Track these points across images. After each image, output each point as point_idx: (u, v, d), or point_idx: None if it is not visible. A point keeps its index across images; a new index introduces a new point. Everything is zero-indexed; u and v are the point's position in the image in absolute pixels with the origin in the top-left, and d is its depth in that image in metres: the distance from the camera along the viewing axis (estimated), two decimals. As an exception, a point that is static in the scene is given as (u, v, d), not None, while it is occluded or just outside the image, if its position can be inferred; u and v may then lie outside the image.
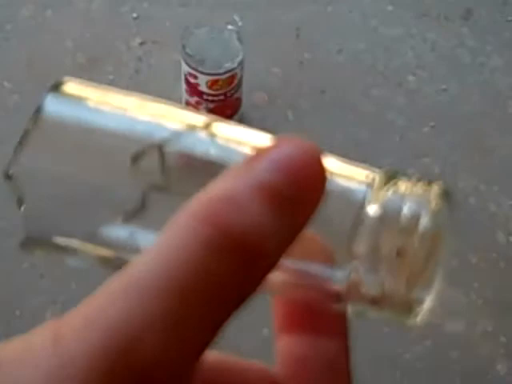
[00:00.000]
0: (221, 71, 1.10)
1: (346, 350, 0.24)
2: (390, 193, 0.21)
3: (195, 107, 1.15)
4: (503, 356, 1.03)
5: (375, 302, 0.21)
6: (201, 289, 0.18)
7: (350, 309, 0.22)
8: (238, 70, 1.12)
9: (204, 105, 1.14)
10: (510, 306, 1.07)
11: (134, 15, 1.30)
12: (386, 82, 1.26)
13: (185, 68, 1.12)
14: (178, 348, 0.18)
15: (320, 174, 0.19)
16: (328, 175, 0.19)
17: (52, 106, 0.23)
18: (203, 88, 1.12)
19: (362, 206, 0.21)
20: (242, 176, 0.19)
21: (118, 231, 0.21)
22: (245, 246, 0.18)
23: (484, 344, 1.04)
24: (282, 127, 1.19)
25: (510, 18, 1.34)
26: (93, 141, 0.22)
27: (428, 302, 0.21)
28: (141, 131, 0.22)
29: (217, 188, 0.19)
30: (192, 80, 1.12)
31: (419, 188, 0.21)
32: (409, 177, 0.22)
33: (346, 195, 0.22)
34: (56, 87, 0.23)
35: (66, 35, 1.27)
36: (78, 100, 0.23)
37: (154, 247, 0.18)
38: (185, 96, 1.16)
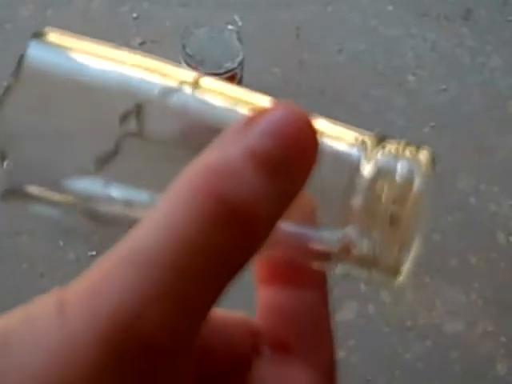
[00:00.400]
0: (221, 71, 1.10)
1: (325, 301, 0.24)
2: (382, 154, 0.22)
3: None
4: (503, 356, 1.03)
5: (365, 263, 0.21)
6: (205, 260, 0.18)
7: (338, 268, 0.22)
8: (237, 70, 1.12)
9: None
10: (510, 306, 1.07)
11: (134, 15, 1.30)
12: (386, 81, 1.26)
13: (185, 68, 1.12)
14: (184, 317, 0.18)
15: (312, 138, 0.20)
16: (319, 138, 0.20)
17: (35, 54, 0.22)
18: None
19: (355, 167, 0.21)
20: (235, 142, 0.19)
21: (92, 179, 0.21)
22: (243, 216, 0.18)
23: (484, 344, 1.04)
24: (282, 127, 1.18)
25: (510, 18, 1.34)
26: (77, 93, 0.21)
27: (409, 264, 0.21)
28: (126, 85, 0.22)
29: (212, 155, 0.19)
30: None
31: (409, 151, 0.22)
32: (398, 140, 0.22)
33: (338, 157, 0.22)
34: (39, 36, 0.22)
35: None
36: (63, 49, 0.22)
37: (157, 216, 0.18)
38: (185, 96, 1.16)
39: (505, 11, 1.35)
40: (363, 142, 0.22)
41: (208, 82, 0.22)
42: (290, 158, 0.19)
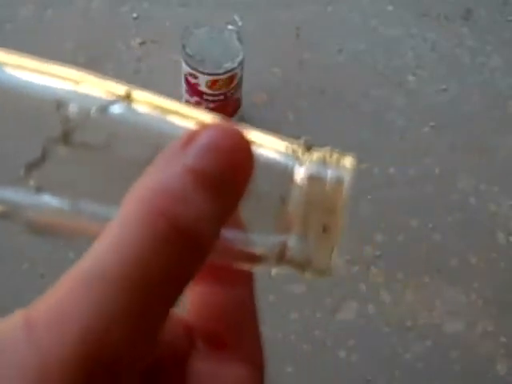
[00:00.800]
0: (221, 71, 1.10)
1: (252, 298, 0.25)
2: (311, 162, 0.23)
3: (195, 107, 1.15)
4: (503, 356, 1.03)
5: (299, 266, 0.23)
6: (156, 277, 0.19)
7: (272, 269, 0.24)
8: (238, 70, 1.12)
9: (204, 105, 1.14)
10: (510, 306, 1.07)
11: (134, 15, 1.30)
12: (386, 81, 1.26)
13: (185, 68, 1.12)
14: (142, 332, 0.19)
15: (247, 151, 0.21)
16: (253, 149, 0.21)
17: None
18: (203, 88, 1.12)
19: (288, 175, 0.22)
20: (175, 161, 0.20)
21: (20, 185, 0.21)
22: (188, 234, 0.19)
23: (484, 344, 1.04)
24: (282, 127, 1.19)
25: (510, 18, 1.34)
26: (6, 102, 0.22)
27: (336, 259, 0.23)
28: (56, 95, 0.22)
29: (156, 175, 0.20)
30: (192, 80, 1.12)
31: (336, 157, 0.23)
32: (324, 148, 0.24)
33: (271, 166, 0.23)
34: None
35: (66, 35, 1.27)
36: None
37: (111, 235, 0.19)
38: (185, 96, 1.16)
39: (505, 11, 1.35)
40: (294, 151, 0.23)
41: (140, 94, 0.23)
42: (228, 172, 0.20)
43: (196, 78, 1.11)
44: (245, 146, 0.21)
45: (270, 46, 1.27)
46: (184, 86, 1.14)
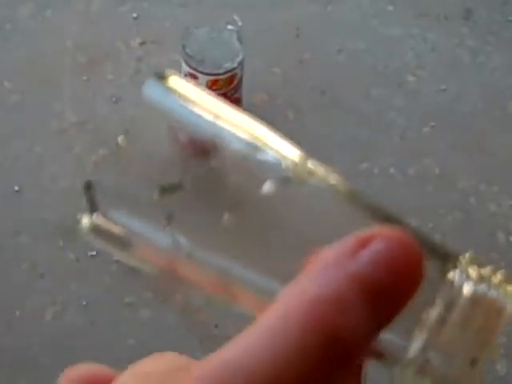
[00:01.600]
0: (221, 71, 1.10)
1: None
2: (476, 279, 0.21)
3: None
4: (503, 356, 1.03)
5: (435, 382, 0.21)
6: None
7: (396, 372, 0.23)
8: (238, 70, 1.12)
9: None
10: (510, 306, 1.07)
11: (134, 15, 1.30)
12: (386, 81, 1.26)
13: (185, 68, 1.12)
14: None
15: (420, 270, 0.20)
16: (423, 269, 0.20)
17: (150, 92, 0.23)
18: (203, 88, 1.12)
19: (452, 288, 0.21)
20: (341, 268, 0.19)
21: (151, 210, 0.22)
22: (343, 350, 0.19)
23: (484, 344, 1.04)
24: (282, 127, 1.18)
25: (510, 18, 1.34)
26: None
27: None
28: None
29: (322, 281, 0.19)
30: (192, 80, 1.12)
31: (499, 280, 0.22)
32: (491, 267, 0.22)
33: (434, 277, 0.21)
34: (160, 77, 0.24)
35: (66, 35, 1.27)
36: (175, 94, 0.24)
37: (269, 331, 0.19)
38: (185, 96, 1.16)
39: (505, 11, 1.35)
40: (459, 261, 0.22)
41: (317, 168, 0.23)
42: (398, 291, 0.19)
43: (196, 78, 1.11)
44: (418, 262, 0.20)
45: (270, 46, 1.27)
46: (184, 86, 1.14)
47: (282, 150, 0.23)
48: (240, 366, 0.19)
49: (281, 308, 0.19)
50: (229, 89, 1.13)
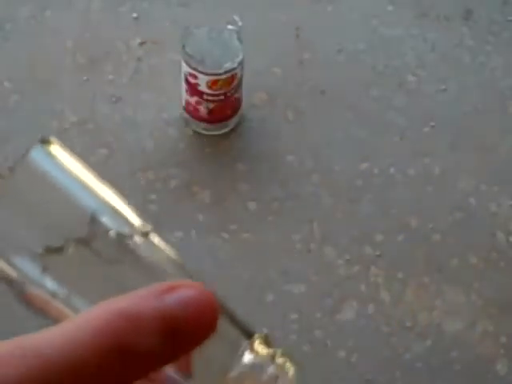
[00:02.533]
0: (221, 71, 1.10)
1: None
2: (262, 354, 0.27)
3: (195, 107, 1.15)
4: (503, 356, 1.03)
5: None
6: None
7: None
8: (238, 70, 1.12)
9: (204, 105, 1.14)
10: (510, 306, 1.07)
11: (134, 15, 1.30)
12: (386, 81, 1.26)
13: (185, 68, 1.12)
14: None
15: (214, 320, 0.24)
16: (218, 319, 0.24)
17: (35, 158, 0.27)
18: (203, 88, 1.12)
19: (239, 354, 0.26)
20: (149, 301, 0.23)
21: (34, 263, 0.25)
22: (130, 359, 0.22)
23: (484, 344, 1.04)
24: (282, 127, 1.19)
25: (509, 18, 1.34)
26: (53, 196, 0.26)
27: None
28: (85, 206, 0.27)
29: (127, 303, 0.23)
30: (192, 80, 1.12)
31: (282, 361, 0.28)
32: (279, 348, 0.28)
33: (227, 338, 0.27)
34: (44, 142, 0.27)
35: (66, 35, 1.27)
36: (57, 163, 0.27)
37: (62, 331, 0.22)
38: (185, 96, 1.16)
39: (505, 11, 1.34)
40: (253, 338, 0.27)
41: (155, 238, 0.27)
42: (193, 330, 0.23)
43: (196, 78, 1.11)
44: (214, 315, 0.24)
45: (269, 46, 1.27)
46: (184, 85, 1.14)
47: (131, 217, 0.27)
48: (32, 347, 0.22)
49: (87, 313, 0.23)
50: (229, 89, 1.13)
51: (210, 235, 1.10)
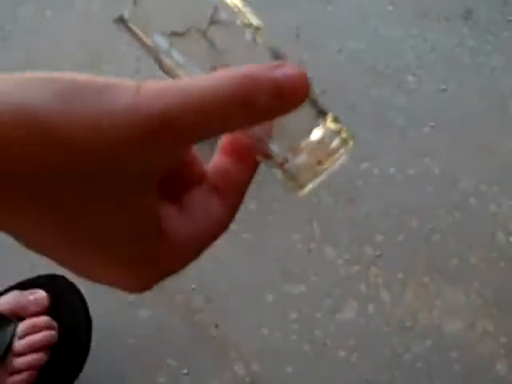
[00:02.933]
0: (221, 71, 1.10)
1: (250, 179, 0.36)
2: (328, 128, 0.35)
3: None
4: (503, 356, 1.03)
5: (289, 175, 0.34)
6: (215, 115, 0.30)
7: (270, 167, 0.35)
8: (238, 70, 1.12)
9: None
10: (510, 306, 1.07)
11: (134, 15, 1.30)
12: (386, 82, 1.26)
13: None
14: (202, 131, 0.30)
15: (306, 93, 0.31)
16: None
17: None
18: None
19: (316, 123, 0.35)
20: (266, 71, 0.30)
21: (165, 40, 0.36)
22: (252, 107, 0.30)
23: (484, 344, 1.04)
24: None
25: (509, 18, 1.34)
26: None
27: (311, 186, 0.35)
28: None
29: (249, 69, 0.30)
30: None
31: (345, 133, 0.36)
32: (343, 126, 0.36)
33: (311, 112, 0.35)
34: None
35: (66, 35, 1.27)
36: None
37: (211, 79, 0.30)
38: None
39: (505, 11, 1.35)
40: (325, 114, 0.35)
41: (260, 39, 0.36)
42: (291, 97, 0.30)
43: (196, 77, 1.11)
44: (306, 88, 0.31)
45: (270, 46, 1.27)
46: (184, 86, 1.14)
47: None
48: (182, 92, 0.29)
49: (219, 72, 0.30)
50: (229, 89, 1.13)
51: (210, 235, 1.10)
